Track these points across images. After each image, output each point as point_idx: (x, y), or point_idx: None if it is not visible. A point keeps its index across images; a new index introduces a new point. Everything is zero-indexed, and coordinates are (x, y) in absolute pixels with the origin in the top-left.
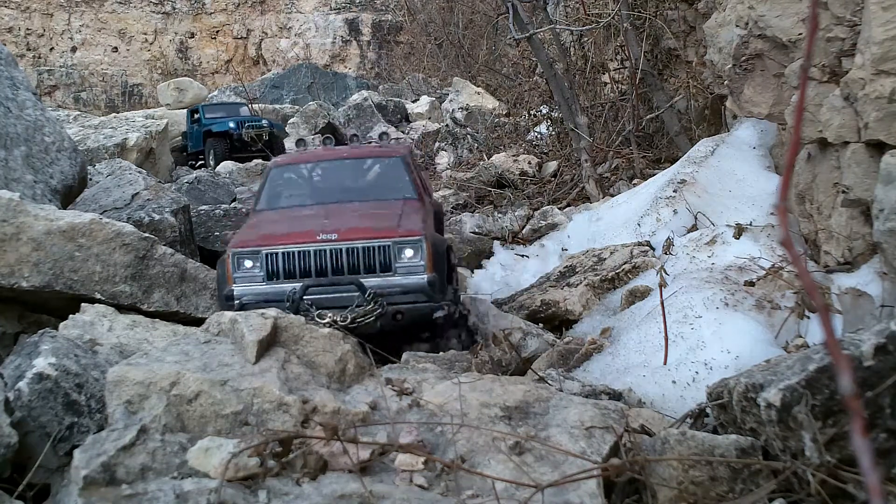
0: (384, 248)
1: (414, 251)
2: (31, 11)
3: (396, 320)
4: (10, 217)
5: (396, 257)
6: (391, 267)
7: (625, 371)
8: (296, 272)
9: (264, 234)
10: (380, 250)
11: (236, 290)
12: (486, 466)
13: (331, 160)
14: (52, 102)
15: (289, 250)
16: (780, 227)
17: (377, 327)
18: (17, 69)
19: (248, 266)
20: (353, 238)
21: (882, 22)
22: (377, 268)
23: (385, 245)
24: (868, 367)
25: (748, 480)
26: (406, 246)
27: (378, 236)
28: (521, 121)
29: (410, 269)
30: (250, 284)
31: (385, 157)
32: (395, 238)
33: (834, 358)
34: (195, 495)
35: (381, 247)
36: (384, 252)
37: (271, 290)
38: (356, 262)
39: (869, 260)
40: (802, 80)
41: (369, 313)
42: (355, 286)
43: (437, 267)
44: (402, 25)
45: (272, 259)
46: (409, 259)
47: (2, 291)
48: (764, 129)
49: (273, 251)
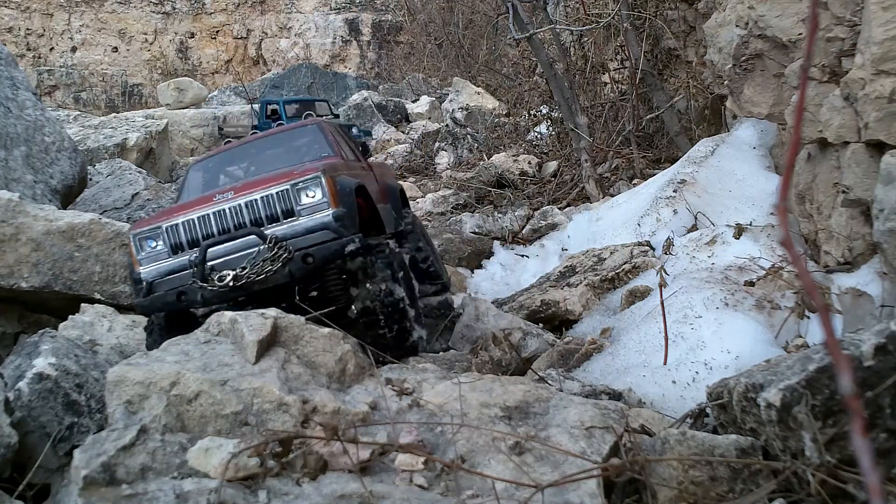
0: (282, 194)
1: (314, 189)
2: (31, 11)
3: (307, 263)
4: (10, 217)
5: (297, 200)
6: (294, 211)
7: (625, 371)
8: (199, 239)
9: (163, 212)
10: (279, 197)
11: (143, 272)
12: (486, 466)
13: (244, 144)
14: (52, 102)
15: (187, 218)
16: (780, 227)
17: (287, 274)
18: (17, 69)
19: (151, 246)
20: (250, 190)
21: (882, 22)
22: (281, 216)
23: (282, 189)
24: (868, 367)
25: (748, 480)
26: (305, 186)
27: (273, 182)
28: (521, 121)
29: (314, 209)
30: (156, 263)
31: (301, 127)
32: (292, 180)
33: (834, 358)
34: (195, 495)
35: (279, 193)
36: (283, 198)
37: (177, 263)
38: (258, 215)
39: (869, 260)
40: (802, 80)
41: (274, 259)
42: (256, 236)
43: (345, 203)
44: (402, 25)
45: (172, 232)
46: (312, 199)
47: (1, 292)
48: (764, 129)
49: (172, 223)
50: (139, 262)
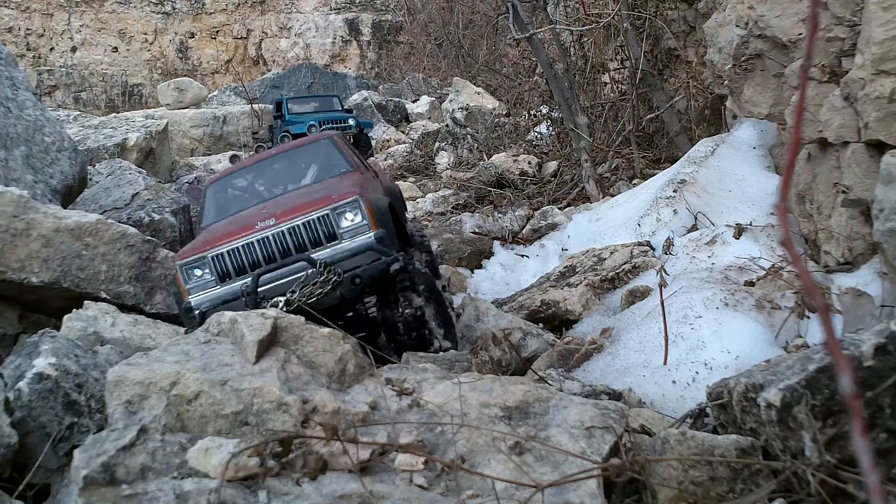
0: (323, 218)
1: (353, 213)
2: (31, 11)
3: (355, 284)
4: (21, 213)
5: (338, 224)
6: (336, 235)
7: (625, 371)
8: (245, 267)
9: (206, 240)
10: (320, 221)
11: (193, 301)
12: (486, 466)
13: (260, 161)
14: (52, 102)
15: (232, 247)
16: (780, 227)
17: (337, 296)
18: (17, 69)
19: (198, 275)
20: (291, 217)
21: (882, 22)
22: (323, 239)
23: (323, 215)
24: (868, 367)
25: (748, 480)
26: (344, 210)
27: (313, 208)
28: (521, 121)
29: (355, 232)
30: (205, 291)
31: (313, 142)
32: (331, 205)
33: (834, 358)
34: (195, 495)
35: (319, 218)
36: (325, 222)
37: (226, 292)
38: (302, 241)
39: (869, 260)
40: (802, 80)
41: (325, 283)
42: (306, 262)
43: (383, 223)
44: (402, 25)
45: (219, 260)
46: (351, 222)
47: (8, 288)
48: (764, 129)
49: (217, 252)
50: (188, 291)
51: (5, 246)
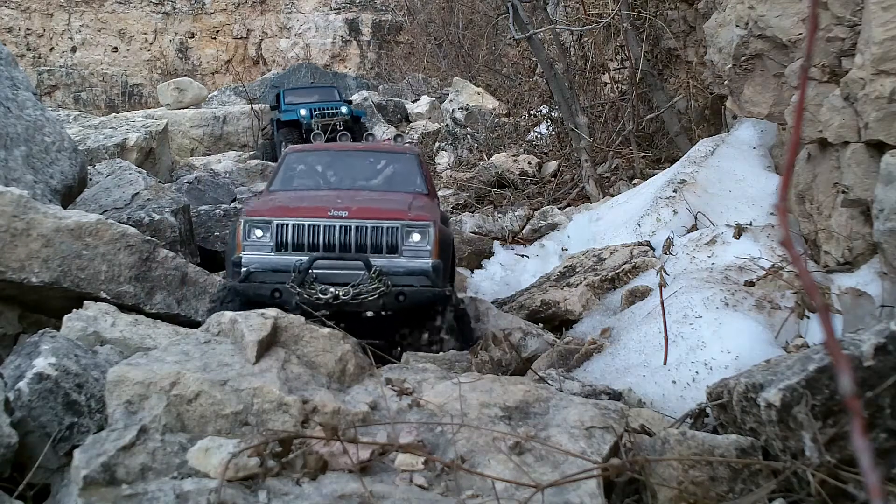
0: (393, 230)
1: (421, 235)
2: (31, 11)
3: (399, 301)
4: (21, 213)
5: (404, 240)
6: (398, 249)
7: (625, 371)
8: (304, 246)
9: (277, 206)
10: (388, 231)
11: (245, 258)
12: (486, 466)
13: (346, 151)
14: (52, 102)
15: (300, 223)
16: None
17: (380, 305)
18: (17, 69)
19: (258, 235)
20: (364, 217)
21: (882, 22)
22: (384, 249)
23: (394, 227)
24: (868, 367)
25: (748, 480)
26: (414, 230)
27: (388, 217)
28: (521, 121)
29: (416, 253)
30: (259, 253)
31: (400, 153)
32: (405, 221)
33: (834, 358)
34: (195, 495)
35: (389, 228)
36: (392, 233)
37: (279, 261)
38: (364, 241)
39: (869, 260)
40: (802, 80)
41: (373, 290)
42: (362, 263)
43: (443, 255)
44: (402, 25)
45: (282, 230)
46: (416, 243)
47: (8, 288)
48: (764, 129)
49: (284, 222)
50: (243, 247)
51: (5, 246)
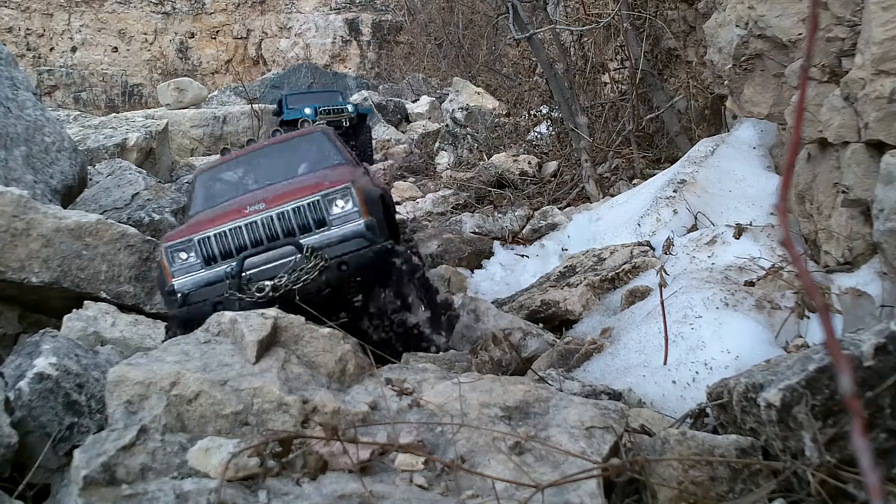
0: (314, 204)
1: (344, 200)
2: (31, 11)
3: (342, 271)
4: (21, 213)
5: (328, 210)
6: (326, 221)
7: (625, 371)
8: (232, 251)
9: (192, 225)
10: (310, 207)
11: (177, 284)
12: (486, 466)
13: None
14: (52, 102)
15: (220, 230)
16: (780, 227)
17: (323, 281)
18: (17, 69)
19: (183, 258)
20: (282, 201)
21: (882, 22)
22: (312, 225)
23: (314, 200)
24: (868, 367)
25: (748, 480)
26: (335, 196)
27: (305, 193)
28: (521, 121)
29: (345, 219)
30: (189, 274)
31: (305, 135)
32: (323, 191)
33: (834, 358)
34: (195, 495)
35: (310, 203)
36: (315, 208)
37: (212, 275)
38: (290, 226)
39: (869, 260)
40: (802, 80)
41: (312, 269)
42: (292, 246)
43: (373, 212)
44: (402, 25)
45: (205, 244)
46: (342, 209)
47: (8, 288)
48: (764, 129)
49: (204, 235)
50: (172, 274)
51: (5, 246)
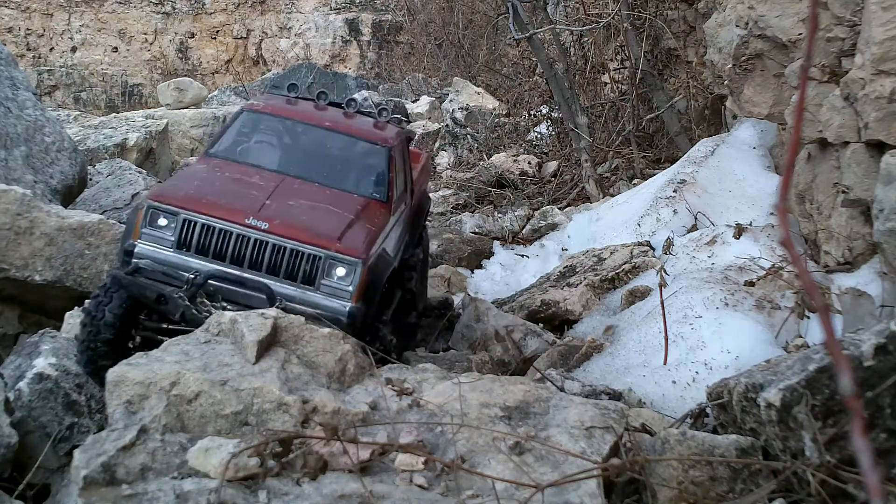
0: (313, 258)
1: (346, 272)
2: (31, 11)
3: None
4: (24, 211)
5: (324, 272)
6: (314, 281)
7: (625, 371)
8: (209, 251)
9: (190, 195)
10: (308, 259)
11: (139, 248)
12: (486, 466)
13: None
14: (52, 102)
15: (210, 223)
16: (780, 227)
17: None
18: (17, 69)
19: (161, 224)
20: (284, 235)
21: (882, 22)
22: (299, 276)
23: (316, 255)
24: (868, 367)
25: (748, 480)
26: (339, 264)
27: (312, 242)
28: (521, 121)
29: (335, 291)
30: (156, 246)
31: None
32: (331, 252)
33: (834, 358)
34: (195, 495)
35: (310, 255)
36: (312, 262)
37: (176, 262)
38: (278, 262)
39: (869, 260)
40: (802, 80)
41: None
42: (264, 294)
43: (368, 298)
44: (402, 25)
45: (189, 227)
46: (338, 279)
47: (10, 287)
48: (764, 129)
49: (192, 218)
50: (141, 234)
51: (9, 244)
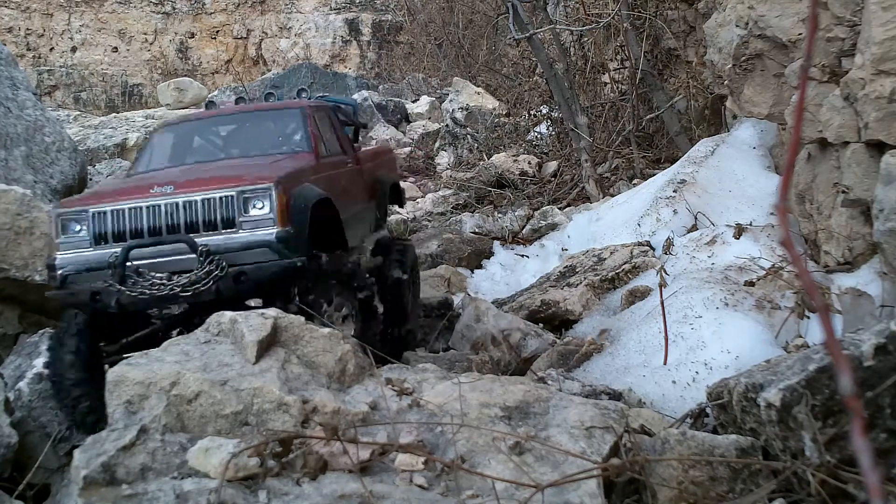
0: (226, 200)
1: (262, 201)
2: (31, 11)
3: (239, 283)
4: (25, 211)
5: (241, 210)
6: (234, 222)
7: (625, 371)
8: (126, 233)
9: (94, 193)
10: (221, 202)
11: (59, 259)
12: (486, 466)
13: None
14: (52, 102)
15: (118, 207)
16: (780, 227)
17: (213, 292)
18: (17, 69)
19: (75, 229)
20: (191, 189)
21: (882, 22)
22: (219, 224)
23: (227, 196)
24: (868, 367)
25: (748, 480)
26: (253, 197)
27: (219, 185)
28: (521, 121)
29: (258, 224)
30: (76, 251)
31: (282, 109)
32: (240, 186)
33: (834, 358)
34: (195, 495)
35: (222, 198)
36: (226, 204)
37: (96, 257)
38: (195, 219)
39: (869, 260)
40: (802, 80)
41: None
42: (186, 244)
43: (296, 220)
44: (402, 25)
45: (100, 219)
46: (258, 212)
47: (10, 287)
48: (764, 129)
49: (101, 210)
50: (59, 245)
51: (9, 244)
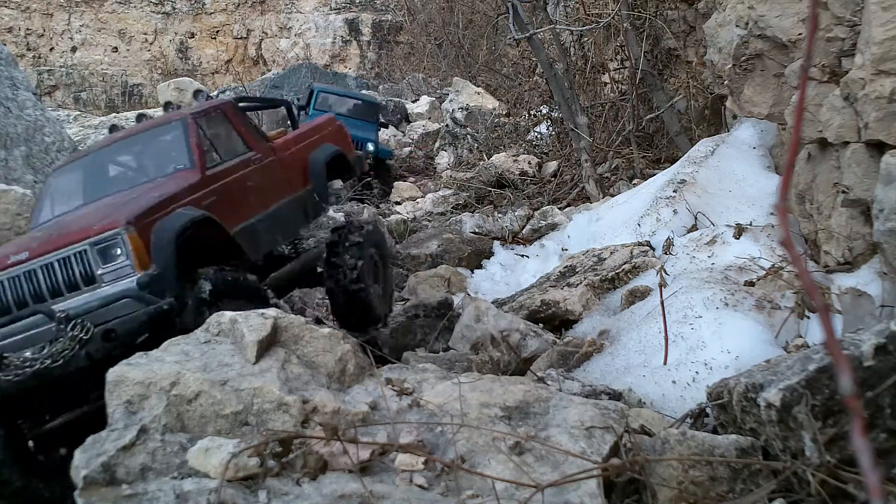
0: (80, 256)
1: (117, 249)
2: (31, 11)
3: (110, 340)
4: (24, 211)
5: (98, 263)
6: (94, 277)
7: (625, 371)
8: None
9: None
10: (77, 259)
11: None
12: (486, 466)
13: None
14: (52, 102)
15: None
16: (780, 227)
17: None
18: (17, 69)
19: None
20: (45, 252)
21: (882, 22)
22: (80, 282)
23: (79, 252)
24: (868, 367)
25: (748, 480)
26: (107, 245)
27: (70, 242)
28: (521, 121)
29: (118, 273)
30: None
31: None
32: (90, 238)
33: (834, 358)
34: (195, 495)
35: (76, 255)
36: (82, 260)
37: None
38: (55, 282)
39: (869, 260)
40: (802, 80)
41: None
42: (43, 315)
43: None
44: (402, 25)
45: None
46: (112, 259)
47: None
48: (764, 129)
49: None
50: None
51: None
